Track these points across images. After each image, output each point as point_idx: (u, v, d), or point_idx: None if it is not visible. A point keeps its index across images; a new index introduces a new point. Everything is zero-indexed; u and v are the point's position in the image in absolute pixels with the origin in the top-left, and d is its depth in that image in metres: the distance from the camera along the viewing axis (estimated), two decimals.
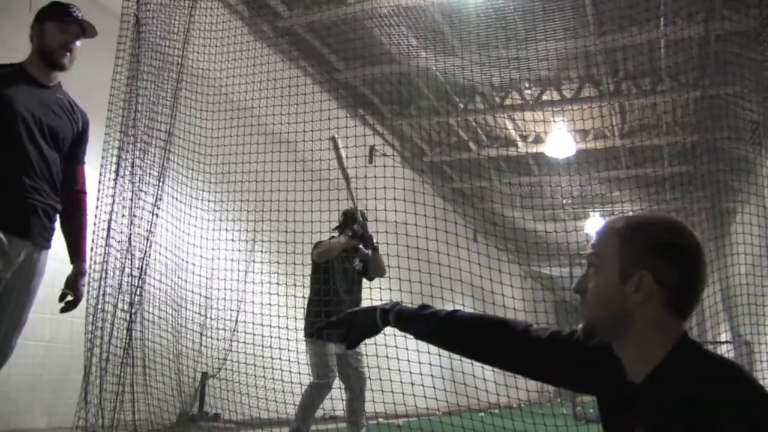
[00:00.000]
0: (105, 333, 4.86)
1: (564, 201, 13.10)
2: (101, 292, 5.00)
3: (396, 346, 5.76)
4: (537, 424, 5.94)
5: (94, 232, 5.23)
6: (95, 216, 5.28)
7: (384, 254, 5.92)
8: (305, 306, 5.54)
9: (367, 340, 1.94)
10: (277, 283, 7.49)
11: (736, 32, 7.38)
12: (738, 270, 6.42)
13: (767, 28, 5.67)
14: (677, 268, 1.39)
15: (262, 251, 7.55)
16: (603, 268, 1.45)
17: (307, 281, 5.68)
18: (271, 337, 6.09)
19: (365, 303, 5.67)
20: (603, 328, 1.46)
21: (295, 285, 6.27)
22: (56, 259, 6.20)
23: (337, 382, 5.50)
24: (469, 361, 1.79)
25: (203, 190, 6.48)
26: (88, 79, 6.50)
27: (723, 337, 10.06)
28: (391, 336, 5.82)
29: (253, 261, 7.67)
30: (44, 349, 5.98)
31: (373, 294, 5.93)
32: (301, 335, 5.73)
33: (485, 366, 1.75)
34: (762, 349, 6.53)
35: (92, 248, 5.17)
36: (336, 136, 5.51)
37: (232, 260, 6.83)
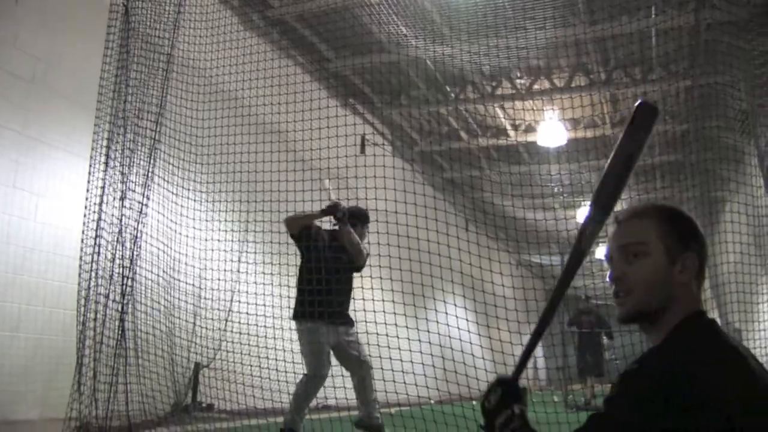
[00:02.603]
0: (97, 324, 4.85)
1: (555, 190, 13.13)
2: (92, 282, 4.99)
3: (387, 335, 5.78)
4: (528, 411, 5.96)
5: (84, 223, 5.22)
6: (85, 207, 5.27)
7: (375, 243, 5.93)
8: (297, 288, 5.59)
9: (364, 329, 1.93)
10: (270, 273, 7.50)
11: (726, 22, 7.39)
12: (727, 258, 6.46)
13: (756, 17, 5.68)
14: (702, 249, 1.51)
15: (254, 241, 7.54)
16: (650, 253, 1.50)
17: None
18: (264, 326, 6.10)
19: (357, 292, 5.69)
20: (649, 311, 1.50)
21: (288, 275, 6.28)
22: (46, 252, 6.20)
23: (339, 370, 5.51)
24: (461, 350, 1.81)
25: (194, 180, 6.47)
26: (77, 70, 6.47)
27: None
28: (382, 325, 5.85)
29: (246, 251, 7.66)
30: (36, 341, 5.97)
31: (364, 282, 5.94)
32: (294, 324, 5.75)
33: (478, 355, 1.78)
34: (752, 336, 6.58)
35: (83, 239, 5.16)
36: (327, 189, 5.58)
37: (224, 250, 6.83)
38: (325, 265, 5.34)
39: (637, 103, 1.75)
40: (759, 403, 1.25)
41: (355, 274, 5.64)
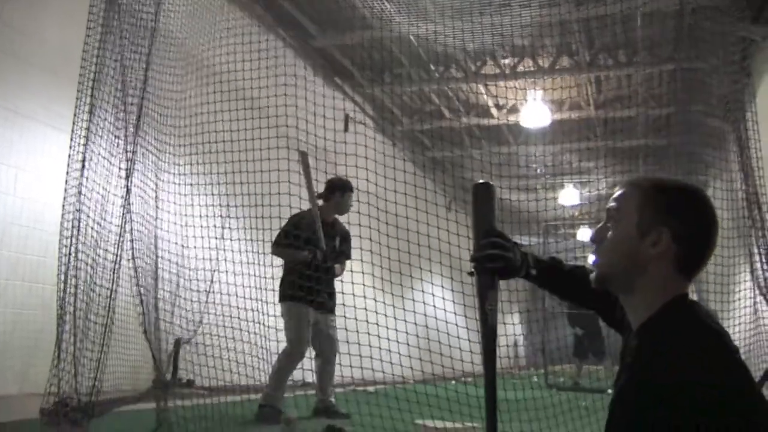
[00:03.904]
0: (78, 300, 4.82)
1: (538, 171, 13.18)
2: (72, 257, 4.95)
3: (364, 308, 5.81)
4: (508, 391, 6.02)
5: (64, 198, 5.17)
6: (66, 181, 5.21)
7: (356, 224, 6.00)
8: (282, 271, 5.72)
9: (345, 308, 1.98)
10: (252, 250, 7.47)
11: (709, 6, 7.41)
12: None
13: (736, 2, 5.71)
14: (693, 230, 1.45)
15: (236, 216, 7.51)
16: (622, 221, 1.50)
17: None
18: (247, 298, 6.09)
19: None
20: (615, 277, 1.52)
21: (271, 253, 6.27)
22: (25, 226, 6.14)
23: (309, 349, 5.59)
24: (445, 330, 1.86)
25: (176, 155, 6.41)
26: (57, 42, 6.38)
27: None
28: (360, 298, 5.86)
29: (228, 227, 7.62)
30: (15, 315, 5.93)
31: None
32: (274, 300, 5.79)
33: (461, 336, 1.81)
34: (729, 315, 6.68)
35: (63, 214, 5.11)
36: (306, 151, 5.67)
37: (205, 226, 6.79)
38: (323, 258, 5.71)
39: (473, 186, 1.97)
40: (742, 393, 1.25)
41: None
